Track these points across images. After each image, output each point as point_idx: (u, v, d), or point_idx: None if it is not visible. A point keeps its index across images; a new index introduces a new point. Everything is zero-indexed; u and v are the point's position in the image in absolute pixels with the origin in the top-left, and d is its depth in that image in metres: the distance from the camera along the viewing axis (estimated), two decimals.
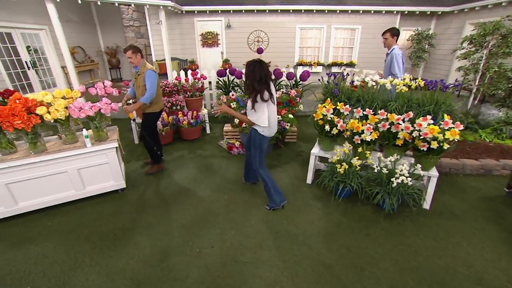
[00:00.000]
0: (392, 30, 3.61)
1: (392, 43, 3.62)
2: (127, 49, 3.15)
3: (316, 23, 9.02)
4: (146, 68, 3.22)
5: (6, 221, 2.77)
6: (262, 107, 2.48)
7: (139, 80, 3.30)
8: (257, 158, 2.82)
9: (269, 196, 2.94)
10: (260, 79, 2.39)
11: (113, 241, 2.50)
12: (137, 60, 3.22)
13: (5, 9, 6.33)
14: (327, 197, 3.17)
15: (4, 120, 2.31)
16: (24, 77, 7.08)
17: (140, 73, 3.27)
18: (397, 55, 3.53)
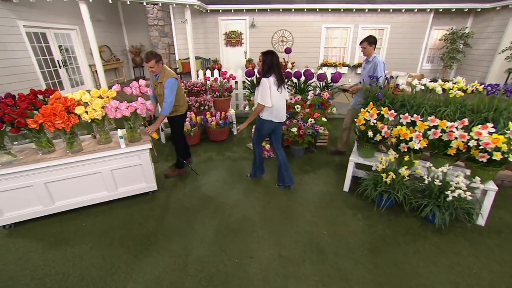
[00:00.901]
0: (369, 39, 3.47)
1: (371, 51, 3.52)
2: (150, 59, 2.85)
3: (342, 23, 8.73)
4: (166, 77, 2.99)
5: (43, 220, 2.78)
6: (265, 88, 2.74)
7: (159, 89, 3.10)
8: (254, 138, 3.23)
9: (253, 167, 3.48)
10: (273, 66, 2.74)
11: (147, 246, 2.42)
12: (159, 68, 3.00)
13: (41, 10, 6.52)
14: (367, 207, 2.96)
15: (46, 120, 2.28)
16: (55, 75, 7.27)
17: (160, 81, 3.05)
18: (380, 63, 3.43)
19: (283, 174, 3.25)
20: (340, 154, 4.29)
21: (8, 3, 5.73)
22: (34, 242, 2.51)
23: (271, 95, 2.77)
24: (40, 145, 2.62)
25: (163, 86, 3.01)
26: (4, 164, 2.45)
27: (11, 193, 2.54)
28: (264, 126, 3.00)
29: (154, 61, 2.88)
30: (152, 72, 3.01)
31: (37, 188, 2.61)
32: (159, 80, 3.06)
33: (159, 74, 3.05)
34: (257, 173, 3.51)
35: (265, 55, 2.76)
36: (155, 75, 3.07)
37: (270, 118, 2.93)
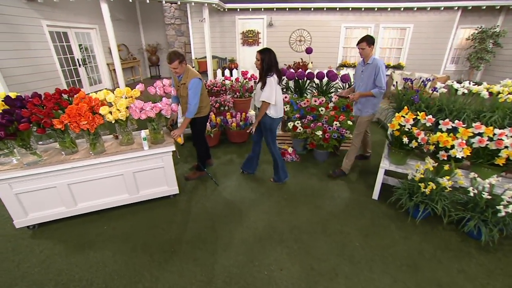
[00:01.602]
0: (367, 39, 3.07)
1: (370, 52, 3.13)
2: (173, 59, 2.72)
3: (363, 22, 8.46)
4: (190, 78, 2.85)
5: (66, 221, 2.73)
6: (272, 87, 2.79)
7: (182, 90, 2.98)
8: (269, 139, 3.18)
9: (276, 173, 3.40)
10: (272, 64, 2.78)
11: (171, 254, 2.33)
12: (182, 69, 2.87)
13: (63, 9, 6.60)
14: (400, 217, 2.78)
15: (72, 121, 2.21)
16: (75, 74, 7.35)
17: (184, 82, 2.91)
18: (383, 66, 3.06)
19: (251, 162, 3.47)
20: (365, 159, 4.10)
21: (33, 3, 5.81)
22: (58, 245, 2.46)
23: (276, 92, 2.86)
24: (64, 146, 2.57)
25: (187, 87, 2.88)
26: (30, 165, 2.41)
27: (35, 193, 2.51)
28: (275, 124, 3.08)
29: (177, 61, 2.76)
30: (175, 73, 2.90)
31: (60, 189, 2.57)
32: (182, 81, 2.94)
33: (183, 75, 2.93)
34: (281, 177, 3.40)
35: (263, 53, 2.77)
36: (178, 76, 2.96)
37: (277, 115, 3.01)
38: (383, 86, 3.06)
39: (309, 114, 4.24)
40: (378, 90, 3.12)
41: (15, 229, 2.62)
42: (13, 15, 5.42)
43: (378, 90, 3.12)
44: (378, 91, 3.12)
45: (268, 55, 2.76)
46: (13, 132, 2.19)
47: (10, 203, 2.44)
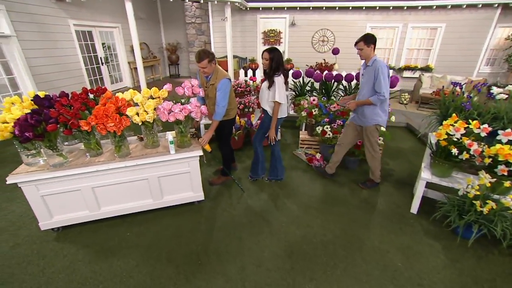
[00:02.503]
0: (365, 38, 2.68)
1: (370, 53, 2.72)
2: (203, 58, 2.55)
3: (390, 22, 8.09)
4: (220, 78, 2.70)
5: (88, 225, 2.65)
6: (281, 87, 2.76)
7: (210, 91, 2.83)
8: (258, 136, 3.19)
9: (254, 169, 3.41)
10: (280, 63, 2.75)
11: (198, 266, 2.18)
12: (212, 69, 2.70)
13: (89, 9, 6.67)
14: (446, 236, 2.51)
15: (99, 122, 2.10)
16: (98, 72, 7.43)
17: (213, 83, 2.76)
18: (383, 68, 2.64)
19: (277, 168, 3.37)
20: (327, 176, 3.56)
21: (61, 3, 5.88)
22: (81, 250, 2.37)
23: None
24: (89, 147, 2.49)
25: (215, 88, 2.72)
26: (56, 166, 2.33)
27: (60, 196, 2.43)
28: (279, 124, 3.09)
29: (207, 60, 2.59)
30: (203, 73, 2.72)
31: (85, 193, 2.48)
32: (211, 82, 2.77)
33: (211, 75, 2.76)
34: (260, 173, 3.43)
35: (272, 52, 2.72)
36: (207, 76, 2.80)
37: (282, 115, 3.00)
38: (381, 92, 2.66)
39: (339, 119, 4.00)
40: (377, 97, 2.72)
41: (40, 230, 2.56)
42: (42, 15, 5.51)
43: (377, 97, 2.72)
44: (377, 98, 2.72)
45: (277, 54, 2.73)
46: (41, 133, 2.10)
47: (36, 205, 2.37)
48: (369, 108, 2.88)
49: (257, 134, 3.22)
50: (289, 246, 2.40)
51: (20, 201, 3.04)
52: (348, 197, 3.16)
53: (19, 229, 2.63)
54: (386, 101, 2.79)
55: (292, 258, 2.28)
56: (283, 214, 2.84)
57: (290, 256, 2.29)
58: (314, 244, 2.43)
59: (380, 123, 2.93)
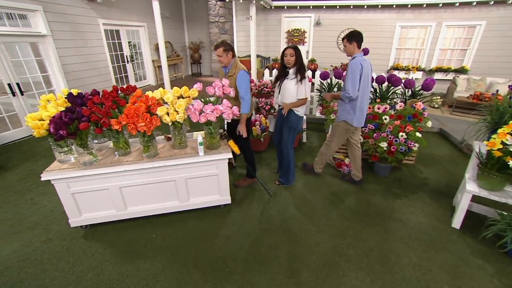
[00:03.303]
0: (349, 36, 2.74)
1: (353, 50, 2.77)
2: (219, 46, 2.65)
3: (422, 20, 7.66)
4: (238, 69, 2.72)
5: (114, 224, 2.64)
6: (307, 83, 2.79)
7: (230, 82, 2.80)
8: (290, 138, 3.06)
9: (285, 175, 3.26)
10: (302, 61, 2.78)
11: (227, 275, 2.09)
12: (228, 59, 2.72)
13: (118, 8, 6.82)
14: (497, 257, 2.27)
15: (130, 122, 2.07)
16: (123, 70, 7.59)
17: (231, 74, 2.77)
18: (352, 66, 2.69)
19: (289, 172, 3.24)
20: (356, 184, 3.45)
21: (93, 3, 6.04)
22: (108, 250, 2.35)
23: None
24: (117, 146, 2.47)
25: (234, 79, 2.74)
26: (86, 164, 2.33)
27: (89, 194, 2.43)
28: (300, 122, 3.05)
29: (222, 49, 2.64)
30: (220, 62, 2.78)
31: (112, 192, 2.47)
32: (229, 73, 2.79)
33: (230, 67, 2.80)
34: (291, 179, 3.29)
35: (296, 49, 2.74)
36: (225, 67, 2.84)
37: (302, 114, 2.99)
38: (346, 90, 2.78)
39: (371, 123, 3.79)
40: (343, 94, 2.84)
41: (69, 227, 2.58)
42: (75, 15, 5.68)
43: (343, 93, 2.84)
44: (343, 95, 2.85)
45: (299, 52, 2.76)
46: (74, 131, 2.10)
47: (67, 202, 2.39)
48: (340, 104, 3.03)
49: (288, 138, 3.06)
50: (320, 257, 2.26)
51: (51, 196, 3.11)
52: (381, 206, 2.97)
53: (51, 224, 2.67)
54: (357, 100, 2.84)
55: (324, 271, 2.14)
56: (312, 222, 2.70)
57: (322, 269, 2.16)
58: (347, 257, 2.28)
59: (349, 121, 2.97)
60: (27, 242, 2.44)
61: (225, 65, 2.81)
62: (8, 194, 3.15)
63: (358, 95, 2.80)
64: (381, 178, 3.56)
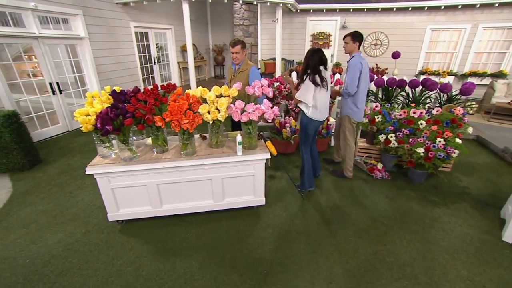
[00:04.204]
0: (354, 34, 3.00)
1: (354, 49, 3.03)
2: (237, 43, 2.91)
3: (456, 23, 7.34)
4: (250, 65, 3.05)
5: (149, 221, 2.68)
6: (308, 88, 2.64)
7: (239, 77, 3.08)
8: (301, 139, 3.02)
9: (301, 178, 3.14)
10: (308, 66, 2.64)
11: (264, 277, 2.05)
12: (242, 56, 3.01)
13: (148, 11, 7.05)
14: None
15: (174, 119, 2.09)
16: (150, 71, 7.81)
17: (243, 70, 3.04)
18: (353, 65, 2.91)
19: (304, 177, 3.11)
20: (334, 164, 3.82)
21: (126, 6, 6.29)
22: (145, 246, 2.38)
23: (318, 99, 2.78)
24: (156, 143, 2.51)
25: (246, 74, 3.03)
26: (126, 160, 2.38)
27: (128, 190, 2.47)
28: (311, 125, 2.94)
29: (240, 46, 2.92)
30: (235, 58, 3.01)
31: (150, 188, 2.50)
32: (241, 69, 3.06)
33: (242, 63, 3.06)
34: (305, 184, 3.12)
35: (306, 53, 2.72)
36: (238, 63, 3.06)
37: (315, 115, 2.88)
38: (347, 86, 2.98)
39: (405, 127, 3.65)
40: (344, 90, 3.07)
41: (107, 221, 2.64)
42: (110, 18, 5.93)
43: (344, 90, 3.07)
44: (344, 91, 3.08)
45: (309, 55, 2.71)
46: (118, 126, 2.15)
47: (107, 196, 2.44)
48: (342, 100, 3.21)
49: (300, 138, 3.08)
50: (360, 263, 2.18)
51: (88, 190, 3.21)
52: (419, 214, 2.84)
53: (89, 217, 2.75)
54: (358, 96, 3.04)
55: (365, 277, 2.06)
56: (348, 226, 2.62)
57: (363, 275, 2.07)
58: (389, 264, 2.18)
59: (351, 115, 3.16)
60: (70, 233, 2.52)
61: (238, 62, 3.06)
62: (49, 186, 3.28)
63: (359, 92, 3.01)
64: (416, 184, 3.41)
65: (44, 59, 4.61)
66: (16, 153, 3.46)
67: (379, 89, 4.87)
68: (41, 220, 2.69)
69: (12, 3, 4.06)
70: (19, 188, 3.25)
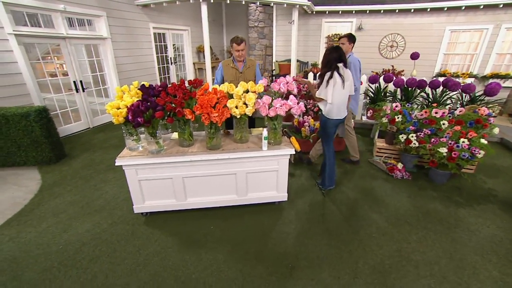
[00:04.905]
0: (350, 36, 3.34)
1: (349, 49, 3.34)
2: (243, 40, 3.05)
3: (476, 23, 7.18)
4: (254, 61, 3.26)
5: (172, 214, 2.73)
6: (328, 85, 2.65)
7: (248, 74, 3.23)
8: (322, 138, 3.10)
9: (322, 176, 3.17)
10: (329, 62, 2.67)
11: (291, 270, 2.06)
12: (245, 53, 3.15)
13: (166, 13, 7.22)
14: None
15: (204, 112, 2.14)
16: (166, 71, 7.97)
17: (249, 66, 3.23)
18: (356, 62, 3.30)
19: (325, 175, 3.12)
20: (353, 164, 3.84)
21: (146, 8, 6.47)
22: (169, 238, 2.43)
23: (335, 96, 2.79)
24: (183, 137, 2.56)
25: (253, 70, 3.24)
26: (153, 153, 2.44)
27: (154, 182, 2.53)
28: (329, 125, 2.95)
29: (244, 43, 3.07)
30: (241, 56, 3.10)
31: (175, 181, 2.55)
32: (247, 65, 3.22)
33: (246, 61, 3.21)
34: (326, 183, 3.12)
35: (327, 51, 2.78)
36: (242, 60, 3.18)
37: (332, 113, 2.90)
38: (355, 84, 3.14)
39: (427, 127, 3.60)
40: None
41: (131, 213, 2.71)
42: (131, 19, 6.11)
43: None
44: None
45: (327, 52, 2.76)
46: (148, 119, 2.21)
47: (134, 188, 2.51)
48: None
49: (320, 136, 3.16)
50: (385, 260, 2.16)
51: (111, 183, 3.30)
52: (443, 214, 2.79)
53: (114, 209, 2.82)
54: (358, 91, 3.45)
55: (391, 274, 2.04)
56: (371, 224, 2.60)
57: (389, 272, 2.05)
58: (415, 262, 2.16)
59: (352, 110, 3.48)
60: (97, 223, 2.59)
61: (242, 59, 3.18)
62: (75, 179, 3.39)
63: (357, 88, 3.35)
64: (437, 185, 3.35)
65: (70, 58, 4.79)
66: (45, 146, 3.60)
67: (397, 89, 4.83)
68: (69, 210, 2.79)
69: (44, 5, 4.25)
70: (47, 180, 3.37)
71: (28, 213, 2.73)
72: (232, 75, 3.20)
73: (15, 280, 1.95)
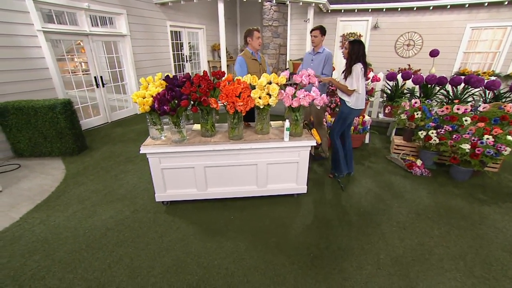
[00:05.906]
0: (321, 28, 3.33)
1: (320, 42, 3.37)
2: (259, 30, 3.19)
3: (500, 20, 6.95)
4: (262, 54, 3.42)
5: (192, 203, 2.77)
6: (359, 76, 2.76)
7: (264, 65, 3.31)
8: (336, 127, 3.10)
9: (336, 166, 3.22)
10: (360, 54, 2.75)
11: (312, 260, 2.06)
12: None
13: (183, 11, 7.34)
14: None
15: (229, 101, 2.17)
16: (182, 68, 8.09)
17: (262, 56, 3.31)
18: (331, 57, 3.37)
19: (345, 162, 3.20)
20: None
21: (164, 6, 6.61)
22: (190, 226, 2.47)
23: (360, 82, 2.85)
24: (205, 127, 2.60)
25: (264, 61, 3.34)
26: (176, 142, 2.49)
27: (176, 171, 2.58)
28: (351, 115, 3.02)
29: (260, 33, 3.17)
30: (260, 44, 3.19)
31: (197, 171, 2.59)
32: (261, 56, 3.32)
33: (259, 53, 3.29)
34: (342, 168, 3.19)
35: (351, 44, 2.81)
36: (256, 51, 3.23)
37: (355, 104, 2.94)
38: (329, 75, 3.34)
39: (447, 124, 3.52)
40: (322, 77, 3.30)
41: (152, 202, 2.77)
42: (149, 17, 6.26)
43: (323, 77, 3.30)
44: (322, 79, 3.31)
45: (357, 45, 2.78)
46: (174, 107, 2.26)
47: (156, 177, 2.56)
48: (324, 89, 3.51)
49: (335, 127, 3.12)
50: (408, 253, 2.14)
51: (131, 174, 3.38)
52: (466, 210, 2.72)
53: (135, 198, 2.89)
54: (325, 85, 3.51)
55: (415, 266, 2.01)
56: (391, 217, 2.57)
57: (412, 264, 2.03)
58: (439, 256, 2.12)
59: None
60: (119, 210, 2.66)
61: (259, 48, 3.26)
62: (97, 169, 3.49)
63: None
64: (459, 182, 3.28)
65: (92, 54, 4.94)
66: (69, 138, 3.72)
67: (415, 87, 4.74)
68: (93, 198, 2.87)
69: (69, 4, 4.42)
70: (71, 169, 3.48)
71: (55, 199, 2.83)
72: (256, 67, 3.22)
73: (48, 259, 2.04)
